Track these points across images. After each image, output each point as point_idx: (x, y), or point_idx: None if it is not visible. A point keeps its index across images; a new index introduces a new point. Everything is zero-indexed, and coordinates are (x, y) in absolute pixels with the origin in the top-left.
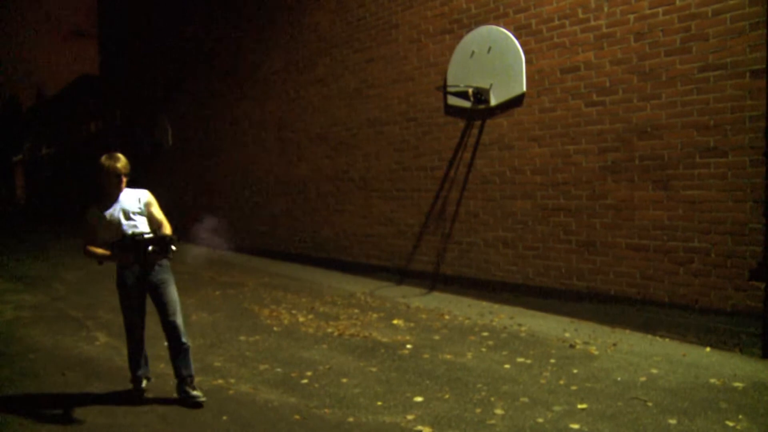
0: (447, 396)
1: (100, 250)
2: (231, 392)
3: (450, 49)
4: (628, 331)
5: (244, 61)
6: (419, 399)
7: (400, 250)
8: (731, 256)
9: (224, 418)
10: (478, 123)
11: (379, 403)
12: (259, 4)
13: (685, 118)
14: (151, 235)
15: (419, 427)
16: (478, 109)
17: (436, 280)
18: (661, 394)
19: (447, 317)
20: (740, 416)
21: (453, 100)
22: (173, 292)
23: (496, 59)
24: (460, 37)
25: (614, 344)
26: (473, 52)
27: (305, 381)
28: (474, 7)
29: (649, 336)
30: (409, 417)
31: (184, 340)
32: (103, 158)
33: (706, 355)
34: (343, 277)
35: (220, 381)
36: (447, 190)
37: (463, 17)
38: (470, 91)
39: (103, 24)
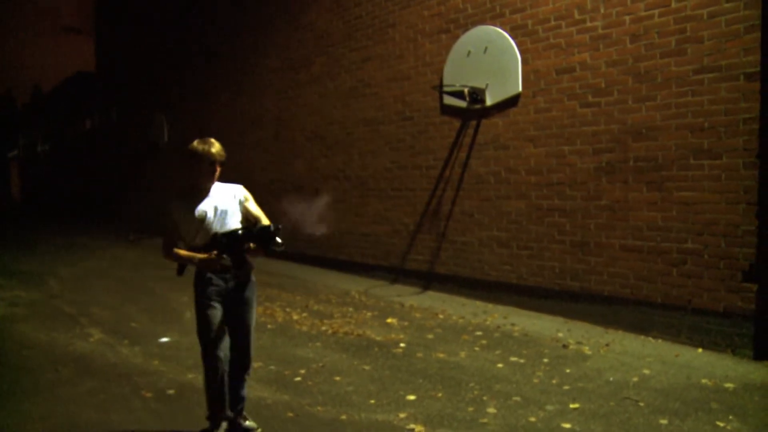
0: (440, 395)
1: (188, 253)
2: None
3: (446, 48)
4: (621, 332)
5: (240, 59)
6: (412, 397)
7: (395, 249)
8: (724, 257)
9: None
10: (473, 123)
11: (372, 402)
12: (257, 2)
13: (680, 120)
14: (250, 228)
15: (412, 425)
16: (474, 108)
17: (430, 279)
18: (652, 395)
19: (441, 316)
20: (731, 417)
21: (449, 100)
22: (254, 315)
23: (492, 59)
24: (457, 37)
25: (607, 344)
26: (469, 52)
27: (299, 379)
28: (470, 7)
29: (642, 336)
30: (402, 415)
31: (249, 368)
32: (195, 142)
33: (698, 356)
34: (338, 276)
35: None
36: (442, 189)
37: (459, 17)
38: (466, 90)
39: (100, 21)
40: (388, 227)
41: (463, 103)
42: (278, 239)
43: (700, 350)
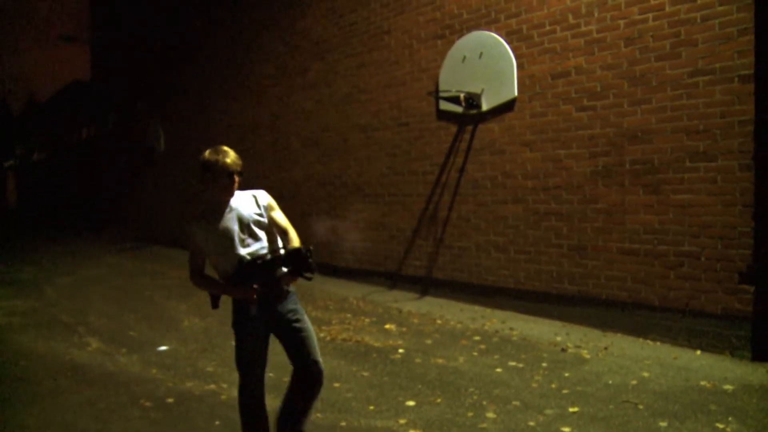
0: (439, 400)
1: (218, 284)
2: (223, 397)
3: (442, 54)
4: (619, 335)
5: (236, 66)
6: (411, 403)
7: (392, 255)
8: (721, 259)
9: (216, 422)
10: (469, 128)
11: (371, 408)
12: (252, 9)
13: (675, 123)
14: (279, 252)
15: (411, 431)
16: (470, 114)
17: (428, 285)
18: (651, 397)
19: (439, 321)
20: (730, 418)
21: (445, 105)
22: (310, 324)
23: (487, 64)
24: (452, 43)
25: (605, 348)
26: (465, 58)
27: None
28: (466, 13)
29: (640, 339)
30: (401, 421)
31: (322, 380)
32: (207, 153)
33: (696, 358)
34: (335, 282)
35: (213, 386)
36: (439, 194)
37: (454, 23)
38: (462, 96)
39: (95, 29)
40: (385, 233)
41: (459, 109)
42: (311, 262)
43: (698, 352)
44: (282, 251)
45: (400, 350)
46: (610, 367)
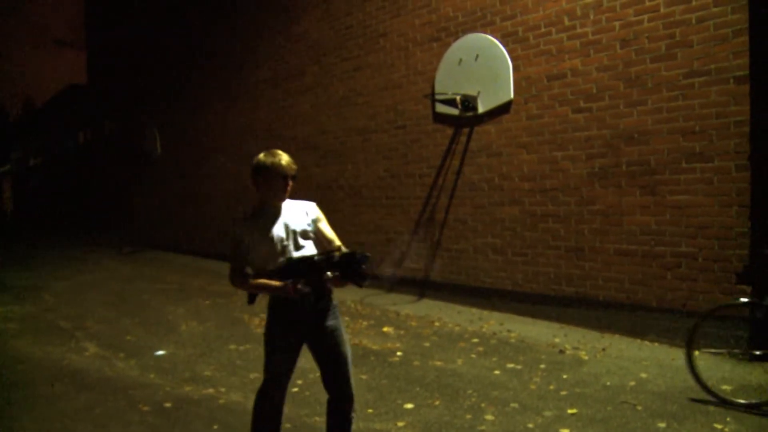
0: (437, 402)
1: (263, 281)
2: (222, 401)
3: (438, 57)
4: (617, 336)
5: (233, 70)
6: (410, 406)
7: (390, 258)
8: (718, 260)
9: (215, 426)
10: (466, 130)
11: (370, 411)
12: (248, 12)
13: (671, 124)
14: (331, 254)
15: None
16: (466, 116)
17: (425, 287)
18: (650, 398)
19: (437, 324)
20: (728, 419)
21: (441, 108)
22: (348, 344)
23: (483, 67)
24: (448, 45)
25: (603, 349)
26: (461, 60)
27: (296, 389)
28: (461, 16)
29: (638, 340)
30: (400, 424)
31: (354, 407)
32: (262, 156)
33: (694, 358)
34: None
35: (211, 390)
36: (436, 197)
37: (450, 25)
38: (458, 98)
39: (91, 33)
40: (382, 236)
41: (455, 111)
42: (364, 268)
43: (696, 353)
44: (335, 253)
45: (398, 353)
46: (608, 369)
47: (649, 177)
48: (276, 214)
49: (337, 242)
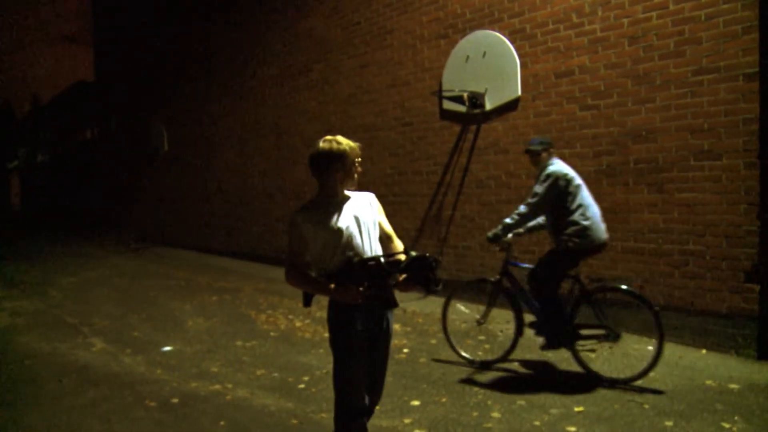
0: (444, 399)
1: (315, 281)
2: (228, 397)
3: (445, 54)
4: (624, 334)
5: (239, 66)
6: (416, 403)
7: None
8: (726, 258)
9: (221, 423)
10: (473, 127)
11: (377, 407)
12: (255, 9)
13: (680, 122)
14: (399, 257)
15: (416, 431)
16: (474, 113)
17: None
18: (657, 397)
19: None
20: (736, 417)
21: (448, 105)
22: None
23: (491, 64)
24: (455, 42)
25: (610, 347)
26: (468, 57)
27: (302, 386)
28: (469, 12)
29: (645, 338)
30: (407, 421)
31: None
32: (322, 143)
33: (702, 357)
34: None
35: (218, 386)
36: (443, 194)
37: (458, 22)
38: (465, 95)
39: (98, 30)
40: None
41: (462, 108)
42: (436, 272)
43: (703, 351)
44: (402, 256)
45: (405, 350)
46: (615, 366)
47: (656, 175)
48: (342, 204)
49: (396, 239)
